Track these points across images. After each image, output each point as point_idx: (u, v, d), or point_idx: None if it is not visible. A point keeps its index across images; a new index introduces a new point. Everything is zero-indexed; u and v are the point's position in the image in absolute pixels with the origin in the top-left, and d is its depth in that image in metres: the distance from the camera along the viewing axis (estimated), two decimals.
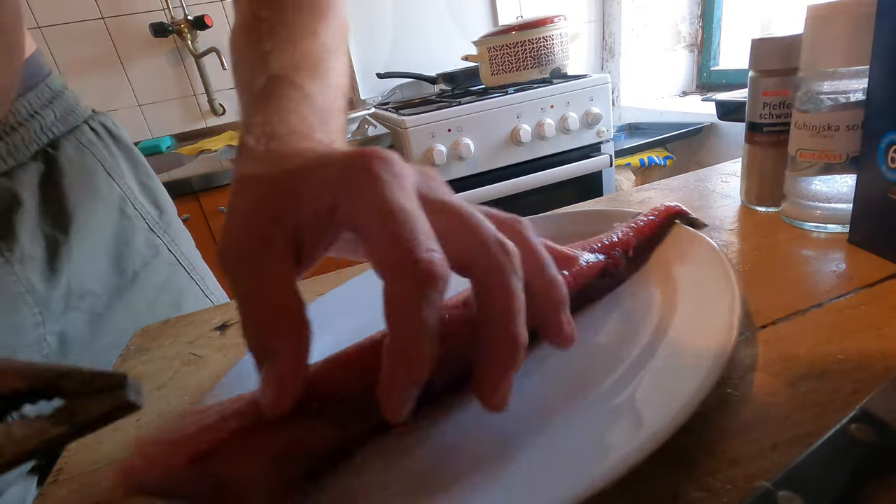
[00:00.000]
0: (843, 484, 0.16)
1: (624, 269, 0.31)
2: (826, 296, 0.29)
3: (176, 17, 1.52)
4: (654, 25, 1.92)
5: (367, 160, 0.20)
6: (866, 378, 0.22)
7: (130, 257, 0.48)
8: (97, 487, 0.25)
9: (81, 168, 0.46)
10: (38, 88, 0.45)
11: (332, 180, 0.20)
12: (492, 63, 1.47)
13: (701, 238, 0.31)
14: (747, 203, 0.43)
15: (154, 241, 0.51)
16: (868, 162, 0.31)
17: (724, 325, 0.22)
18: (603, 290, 0.31)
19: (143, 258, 0.49)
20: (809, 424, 0.20)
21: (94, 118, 0.51)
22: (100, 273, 0.45)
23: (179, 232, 0.56)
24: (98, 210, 0.46)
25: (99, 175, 0.48)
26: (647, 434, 0.18)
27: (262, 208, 0.20)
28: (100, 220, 0.46)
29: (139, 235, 0.50)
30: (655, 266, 0.32)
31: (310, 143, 0.25)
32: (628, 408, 0.21)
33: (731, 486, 0.18)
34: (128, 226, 0.49)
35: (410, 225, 0.18)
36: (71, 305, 0.43)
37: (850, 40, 0.32)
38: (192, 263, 0.55)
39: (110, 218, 0.48)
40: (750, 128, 0.41)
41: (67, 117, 0.47)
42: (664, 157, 1.69)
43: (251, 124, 0.26)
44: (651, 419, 0.19)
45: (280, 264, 0.19)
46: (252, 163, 0.23)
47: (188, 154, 1.44)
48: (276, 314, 0.19)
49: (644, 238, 0.33)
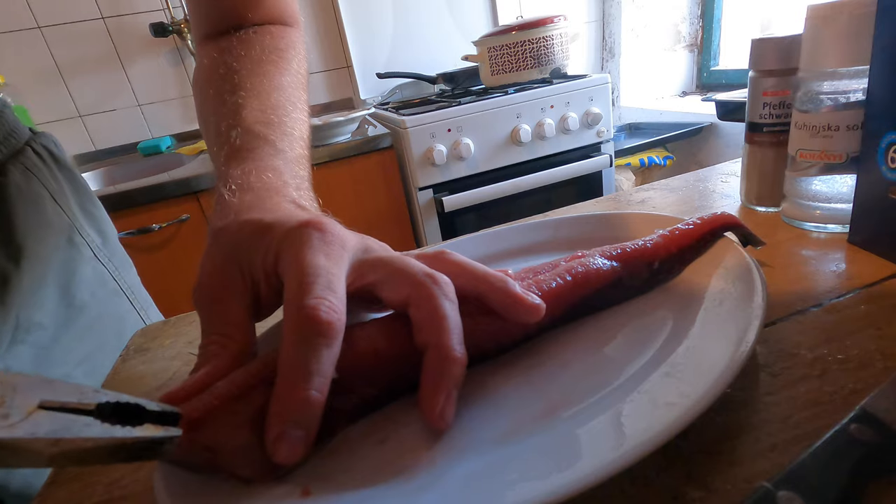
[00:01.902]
0: (843, 484, 0.16)
1: (646, 281, 0.29)
2: (826, 296, 0.29)
3: (176, 17, 1.52)
4: (654, 25, 1.92)
5: (304, 228, 0.24)
6: (866, 378, 0.22)
7: (78, 287, 0.46)
8: (97, 487, 0.25)
9: (29, 195, 0.44)
10: None
11: (276, 242, 0.24)
12: (492, 63, 1.47)
13: (744, 260, 0.27)
14: (747, 203, 0.43)
15: (99, 270, 0.49)
16: (868, 162, 0.31)
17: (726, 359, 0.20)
18: (615, 298, 0.29)
19: (90, 288, 0.47)
20: (809, 424, 0.20)
21: (36, 140, 0.48)
22: (48, 305, 0.43)
23: (122, 258, 0.54)
24: (47, 239, 0.44)
25: (46, 202, 0.45)
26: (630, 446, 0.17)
27: (227, 261, 0.24)
28: (49, 250, 0.44)
29: (86, 264, 0.48)
30: (686, 281, 0.29)
31: (277, 198, 0.29)
32: (612, 423, 0.20)
33: (731, 486, 0.18)
34: (75, 255, 0.47)
35: (312, 278, 0.21)
36: (17, 339, 0.40)
37: (850, 40, 0.32)
38: (134, 291, 0.53)
39: (59, 247, 0.45)
40: (750, 128, 0.41)
41: (9, 139, 0.45)
42: (664, 157, 1.69)
43: (229, 176, 0.30)
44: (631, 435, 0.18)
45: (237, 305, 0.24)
46: (225, 216, 0.27)
47: (188, 154, 1.43)
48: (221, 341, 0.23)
49: (677, 249, 0.30)
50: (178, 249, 1.18)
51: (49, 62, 1.45)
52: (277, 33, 0.43)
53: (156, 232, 1.14)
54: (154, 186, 1.14)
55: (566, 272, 0.28)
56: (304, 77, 0.42)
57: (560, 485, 0.16)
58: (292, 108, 0.37)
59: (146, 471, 0.26)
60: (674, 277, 0.30)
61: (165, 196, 1.15)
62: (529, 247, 0.38)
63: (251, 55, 0.39)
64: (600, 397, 0.22)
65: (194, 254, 1.18)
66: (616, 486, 0.19)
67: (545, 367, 0.25)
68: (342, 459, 0.22)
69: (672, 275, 0.30)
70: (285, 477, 0.21)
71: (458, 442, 0.21)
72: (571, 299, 0.27)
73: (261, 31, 0.43)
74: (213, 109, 0.37)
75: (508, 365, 0.26)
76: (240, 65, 0.38)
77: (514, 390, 0.24)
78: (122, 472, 0.26)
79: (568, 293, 0.27)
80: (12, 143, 0.45)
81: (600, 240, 0.33)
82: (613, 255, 0.29)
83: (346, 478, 0.21)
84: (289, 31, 0.45)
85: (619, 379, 0.23)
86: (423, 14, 1.76)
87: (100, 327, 0.47)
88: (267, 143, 0.33)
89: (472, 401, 0.24)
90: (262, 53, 0.40)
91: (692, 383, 0.20)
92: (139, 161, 1.47)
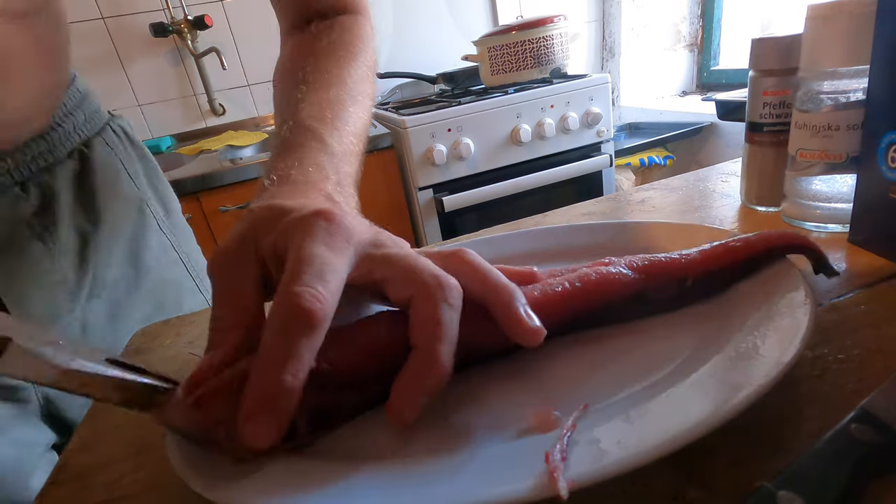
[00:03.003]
0: (843, 484, 0.16)
1: (674, 298, 0.27)
2: (826, 296, 0.29)
3: (176, 17, 1.52)
4: (654, 25, 1.92)
5: (313, 217, 0.24)
6: (866, 378, 0.22)
7: (145, 254, 0.51)
8: (97, 487, 0.25)
9: (109, 168, 0.49)
10: (70, 90, 0.48)
11: (287, 227, 0.24)
12: (492, 63, 1.47)
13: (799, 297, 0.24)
14: (747, 203, 0.43)
15: (162, 240, 0.54)
16: (868, 162, 0.31)
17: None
18: (637, 313, 0.27)
19: (154, 255, 0.52)
20: (809, 424, 0.20)
21: (114, 120, 0.54)
22: (119, 266, 0.49)
23: (184, 231, 0.58)
24: (121, 208, 0.50)
25: (122, 176, 0.51)
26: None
27: (244, 237, 0.25)
28: (122, 218, 0.50)
29: (152, 234, 0.52)
30: (725, 305, 0.26)
31: (313, 192, 0.29)
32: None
33: (731, 486, 0.18)
34: (144, 224, 0.52)
35: (304, 266, 0.21)
36: (94, 294, 0.46)
37: (850, 40, 0.32)
38: (194, 263, 0.57)
39: (130, 216, 0.51)
40: (750, 128, 0.41)
41: (94, 118, 0.50)
42: (664, 157, 1.69)
43: (273, 167, 0.31)
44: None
45: (248, 278, 0.24)
46: (260, 200, 0.28)
47: (188, 154, 1.43)
48: (231, 313, 0.23)
49: (717, 268, 0.27)
50: None
51: None
52: (347, 24, 0.45)
53: None
54: None
55: (578, 279, 0.26)
56: (371, 68, 0.43)
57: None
58: (351, 103, 0.38)
59: (146, 471, 0.26)
60: (713, 296, 0.27)
61: None
62: (566, 250, 0.36)
63: (317, 49, 0.41)
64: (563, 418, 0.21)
65: None
66: (616, 486, 0.19)
67: (535, 373, 0.25)
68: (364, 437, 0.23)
69: (710, 294, 0.27)
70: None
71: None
72: (577, 307, 0.26)
73: (331, 23, 0.45)
74: (278, 104, 0.38)
75: (505, 366, 0.26)
76: (305, 60, 0.40)
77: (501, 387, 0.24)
78: (121, 472, 0.26)
79: (575, 301, 0.26)
80: (96, 121, 0.50)
81: (644, 249, 0.31)
82: (638, 265, 0.27)
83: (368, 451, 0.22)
84: (358, 21, 0.47)
85: (597, 404, 0.22)
86: (423, 14, 1.76)
87: (161, 291, 0.52)
88: (315, 138, 0.33)
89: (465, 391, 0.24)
90: (328, 46, 0.41)
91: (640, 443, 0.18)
92: None
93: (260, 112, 1.71)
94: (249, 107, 1.69)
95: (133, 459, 0.27)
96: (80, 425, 0.31)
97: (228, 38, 1.60)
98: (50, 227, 0.43)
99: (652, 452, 0.17)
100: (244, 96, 1.68)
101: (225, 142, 1.50)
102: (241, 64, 1.63)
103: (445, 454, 0.20)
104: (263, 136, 1.55)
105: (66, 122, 0.46)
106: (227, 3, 1.57)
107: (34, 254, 0.42)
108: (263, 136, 1.55)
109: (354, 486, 0.19)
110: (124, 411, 0.21)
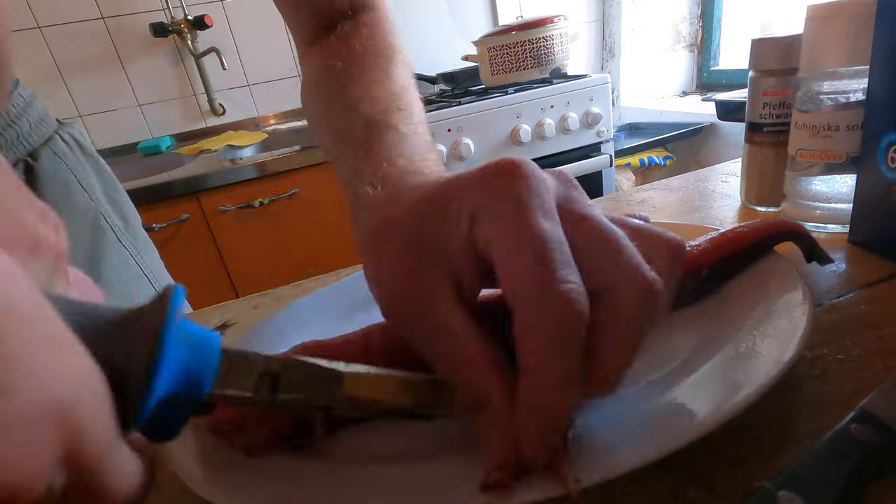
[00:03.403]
0: (843, 484, 0.16)
1: (692, 292, 0.26)
2: (826, 296, 0.29)
3: (176, 17, 1.52)
4: (654, 25, 1.92)
5: (503, 179, 0.18)
6: (866, 378, 0.22)
7: (104, 270, 0.48)
8: None
9: (58, 180, 0.46)
10: (13, 97, 0.45)
11: (466, 202, 0.18)
12: (492, 63, 1.47)
13: (796, 292, 0.23)
14: (747, 203, 0.43)
15: (122, 253, 0.51)
16: (868, 162, 0.31)
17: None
18: None
19: (115, 270, 0.50)
20: (809, 424, 0.20)
21: (63, 129, 0.50)
22: None
23: (145, 244, 0.56)
24: (75, 222, 0.47)
25: (74, 187, 0.48)
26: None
27: (408, 258, 0.19)
28: (77, 234, 0.46)
29: (110, 248, 0.50)
30: (720, 302, 0.25)
31: (422, 178, 0.24)
32: None
33: (731, 486, 0.18)
34: (101, 238, 0.49)
35: (550, 253, 0.16)
36: None
37: (850, 40, 0.32)
38: (156, 275, 0.55)
39: (86, 230, 0.48)
40: (750, 128, 0.41)
41: (40, 127, 0.47)
42: (664, 157, 1.69)
43: (362, 172, 0.26)
44: None
45: (445, 308, 0.18)
46: (378, 209, 0.23)
47: (188, 154, 1.43)
48: (467, 362, 0.18)
49: (729, 254, 0.26)
50: (179, 249, 1.18)
51: (49, 62, 1.45)
52: (371, 23, 0.43)
53: (156, 232, 1.14)
54: (154, 186, 1.14)
55: None
56: (408, 64, 0.41)
57: None
58: (405, 93, 0.35)
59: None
60: (708, 295, 0.26)
61: (165, 196, 1.15)
62: None
63: (353, 51, 0.39)
64: None
65: (195, 253, 1.18)
66: (616, 486, 0.19)
67: None
68: None
69: (716, 289, 0.26)
70: None
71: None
72: None
73: (355, 23, 0.43)
74: (326, 111, 0.35)
75: None
76: (344, 62, 0.38)
77: None
78: None
79: None
80: (43, 130, 0.47)
81: None
82: None
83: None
84: (379, 17, 0.44)
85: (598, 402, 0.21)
86: (423, 14, 1.76)
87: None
88: (390, 129, 0.30)
89: None
90: (363, 46, 0.39)
91: (641, 443, 0.17)
92: (139, 161, 1.47)
93: (260, 112, 1.71)
94: (249, 107, 1.69)
95: None
96: None
97: (228, 38, 1.60)
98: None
99: (652, 453, 0.17)
100: (244, 96, 1.68)
101: (225, 142, 1.50)
102: (241, 64, 1.63)
103: (448, 455, 0.20)
104: (263, 136, 1.55)
105: (7, 132, 0.43)
106: (227, 3, 1.57)
107: None
108: (263, 136, 1.55)
109: (359, 488, 0.19)
110: None
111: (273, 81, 1.68)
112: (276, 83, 1.68)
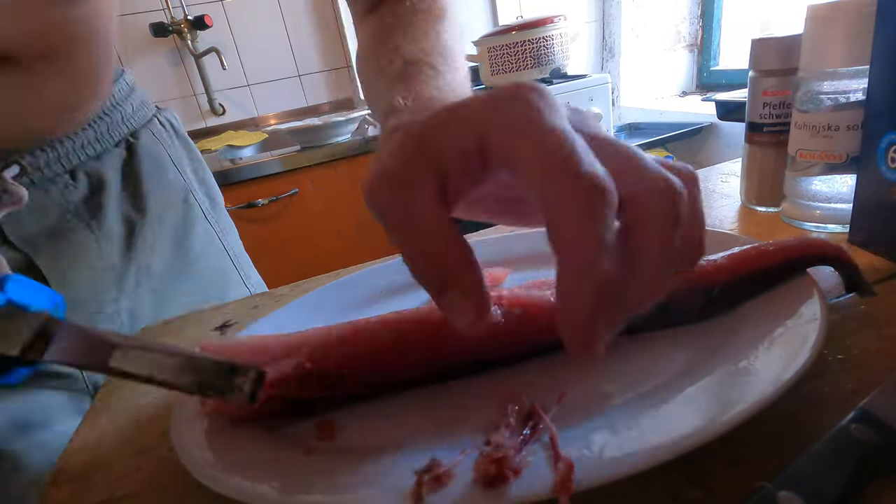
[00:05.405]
0: (843, 484, 0.16)
1: (700, 310, 0.25)
2: (826, 296, 0.28)
3: (176, 17, 1.52)
4: (654, 25, 1.92)
5: (517, 90, 0.18)
6: (866, 378, 0.22)
7: (190, 243, 0.52)
8: (97, 487, 0.25)
9: (155, 158, 0.51)
10: (118, 83, 0.50)
11: (479, 114, 0.19)
12: (492, 63, 1.47)
13: (813, 325, 0.22)
14: (747, 203, 0.43)
15: (208, 229, 0.55)
16: (868, 162, 0.31)
17: None
18: (660, 324, 0.25)
19: (200, 244, 0.53)
20: (809, 424, 0.20)
21: (160, 113, 0.56)
22: (165, 255, 0.50)
23: (228, 224, 0.60)
24: (167, 197, 0.51)
25: (167, 165, 0.53)
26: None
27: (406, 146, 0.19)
28: (168, 207, 0.51)
29: (198, 223, 0.54)
30: (728, 324, 0.24)
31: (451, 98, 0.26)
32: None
33: (731, 486, 0.18)
34: (189, 213, 0.53)
35: (569, 144, 0.17)
36: (140, 283, 0.47)
37: (850, 40, 0.32)
38: (237, 254, 0.58)
39: (176, 205, 0.52)
40: (750, 128, 0.41)
41: (141, 110, 0.52)
42: (664, 157, 1.69)
43: (394, 93, 0.28)
44: None
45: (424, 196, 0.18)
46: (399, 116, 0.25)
47: None
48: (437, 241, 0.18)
49: (746, 274, 0.24)
50: None
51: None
52: None
53: None
54: None
55: None
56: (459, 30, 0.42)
57: None
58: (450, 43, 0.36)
59: (146, 471, 0.26)
60: (731, 309, 0.25)
61: None
62: None
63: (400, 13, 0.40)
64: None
65: None
66: (616, 486, 0.19)
67: (535, 373, 0.25)
68: None
69: (731, 307, 0.25)
70: None
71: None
72: None
73: None
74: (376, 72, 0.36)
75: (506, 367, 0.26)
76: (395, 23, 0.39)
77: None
78: (122, 471, 0.26)
79: None
80: (143, 113, 0.52)
81: None
82: None
83: None
84: None
85: (601, 404, 0.22)
86: None
87: (206, 280, 0.53)
88: (429, 67, 0.32)
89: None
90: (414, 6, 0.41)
91: (639, 447, 0.18)
92: None
93: (260, 112, 1.71)
94: (249, 107, 1.69)
95: (133, 459, 0.27)
96: (80, 425, 0.31)
97: (228, 38, 1.60)
98: (97, 214, 0.45)
99: (650, 459, 0.17)
100: (244, 96, 1.68)
101: (225, 142, 1.50)
102: (241, 64, 1.63)
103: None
104: (263, 136, 1.55)
105: (113, 113, 0.48)
106: (227, 3, 1.57)
107: (81, 240, 0.44)
108: (263, 136, 1.55)
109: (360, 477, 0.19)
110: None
111: (273, 81, 1.68)
112: (276, 83, 1.68)
